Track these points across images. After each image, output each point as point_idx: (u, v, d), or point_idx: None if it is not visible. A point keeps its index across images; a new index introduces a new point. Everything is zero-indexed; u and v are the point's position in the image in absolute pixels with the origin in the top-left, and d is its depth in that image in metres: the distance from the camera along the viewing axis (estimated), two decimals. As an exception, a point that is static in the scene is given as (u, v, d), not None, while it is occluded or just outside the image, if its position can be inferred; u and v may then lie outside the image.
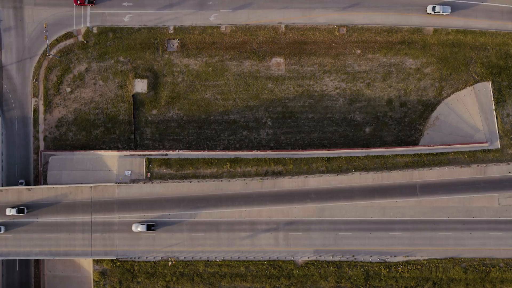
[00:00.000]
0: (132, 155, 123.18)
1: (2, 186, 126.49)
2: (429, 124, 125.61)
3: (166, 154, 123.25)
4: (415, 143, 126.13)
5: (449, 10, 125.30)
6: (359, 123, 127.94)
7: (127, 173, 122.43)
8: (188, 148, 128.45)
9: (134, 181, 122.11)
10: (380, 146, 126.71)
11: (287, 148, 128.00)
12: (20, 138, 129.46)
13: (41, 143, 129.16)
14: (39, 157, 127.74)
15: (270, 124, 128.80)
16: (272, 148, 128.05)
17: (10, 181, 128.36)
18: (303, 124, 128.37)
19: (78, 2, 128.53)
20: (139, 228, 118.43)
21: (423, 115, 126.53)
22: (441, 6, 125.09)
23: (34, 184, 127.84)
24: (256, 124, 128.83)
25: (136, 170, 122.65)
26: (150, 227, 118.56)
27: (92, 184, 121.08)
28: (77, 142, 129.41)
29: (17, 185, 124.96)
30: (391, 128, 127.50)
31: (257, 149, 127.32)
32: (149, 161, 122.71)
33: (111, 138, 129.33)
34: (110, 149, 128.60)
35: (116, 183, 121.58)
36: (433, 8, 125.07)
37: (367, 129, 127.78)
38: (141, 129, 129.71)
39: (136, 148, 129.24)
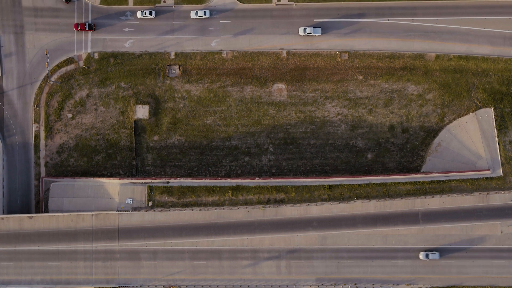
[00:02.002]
0: (133, 182, 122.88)
1: (3, 212, 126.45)
2: (431, 150, 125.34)
3: (168, 182, 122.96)
4: (417, 169, 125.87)
5: (320, 32, 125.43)
6: (361, 149, 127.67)
7: (129, 201, 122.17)
8: (189, 174, 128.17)
9: (135, 209, 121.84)
10: (382, 172, 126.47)
11: (289, 175, 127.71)
12: (21, 164, 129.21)
13: (42, 169, 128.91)
14: (40, 183, 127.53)
15: (272, 150, 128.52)
16: (274, 175, 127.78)
17: (11, 207, 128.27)
18: (305, 150, 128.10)
19: (79, 28, 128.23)
20: None
21: (425, 142, 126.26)
22: (312, 28, 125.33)
23: (35, 211, 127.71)
24: (258, 150, 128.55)
25: (138, 198, 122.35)
26: None
27: (93, 212, 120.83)
28: (78, 168, 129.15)
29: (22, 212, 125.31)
30: (393, 154, 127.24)
31: (259, 176, 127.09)
32: (151, 189, 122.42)
33: (113, 164, 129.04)
34: (111, 175, 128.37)
35: (118, 211, 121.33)
36: (304, 30, 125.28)
37: (369, 155, 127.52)
38: (142, 155, 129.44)
39: (137, 174, 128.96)
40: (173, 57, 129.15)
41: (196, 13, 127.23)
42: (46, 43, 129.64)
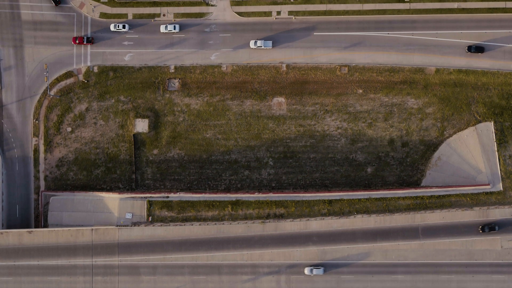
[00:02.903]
0: (133, 197, 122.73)
1: (2, 225, 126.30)
2: (431, 164, 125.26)
3: (168, 197, 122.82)
4: (417, 183, 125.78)
5: (271, 45, 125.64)
6: (361, 163, 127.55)
7: (128, 215, 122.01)
8: (189, 188, 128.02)
9: (135, 223, 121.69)
10: (382, 186, 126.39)
11: (288, 188, 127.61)
12: (20, 178, 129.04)
13: (42, 183, 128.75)
14: (39, 197, 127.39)
15: (272, 164, 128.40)
16: (273, 188, 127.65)
17: (11, 221, 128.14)
18: (305, 164, 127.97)
19: (77, 42, 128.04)
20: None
21: (425, 156, 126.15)
22: (263, 41, 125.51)
23: (35, 225, 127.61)
24: (258, 164, 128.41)
25: (137, 213, 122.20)
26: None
27: (93, 227, 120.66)
28: (77, 182, 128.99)
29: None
30: (393, 168, 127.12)
31: (259, 190, 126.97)
32: (150, 203, 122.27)
33: (112, 178, 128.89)
34: (111, 189, 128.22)
35: (117, 225, 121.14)
36: (255, 43, 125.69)
37: (369, 169, 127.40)
38: (142, 169, 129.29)
39: (137, 188, 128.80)
40: (172, 70, 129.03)
41: (166, 27, 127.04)
42: (45, 56, 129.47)
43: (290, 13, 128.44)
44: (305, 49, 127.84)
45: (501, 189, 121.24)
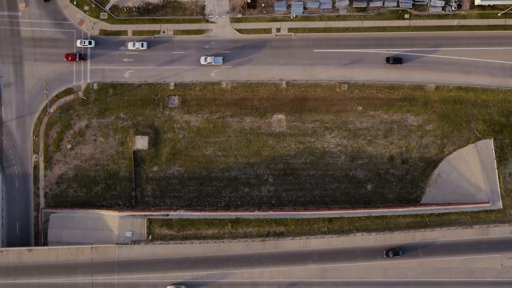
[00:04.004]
0: (133, 215, 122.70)
1: (2, 243, 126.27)
2: (431, 181, 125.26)
3: (167, 214, 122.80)
4: (417, 200, 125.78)
5: (221, 61, 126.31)
6: (360, 180, 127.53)
7: (128, 233, 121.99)
8: (189, 205, 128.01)
9: (135, 242, 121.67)
10: (382, 203, 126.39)
11: (288, 205, 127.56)
12: (20, 195, 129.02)
13: (42, 200, 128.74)
14: (39, 214, 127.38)
15: (272, 181, 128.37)
16: (273, 205, 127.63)
17: (11, 238, 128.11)
18: (305, 181, 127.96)
19: (69, 58, 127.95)
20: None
21: (425, 173, 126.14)
22: (213, 57, 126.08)
23: (35, 242, 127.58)
24: (258, 181, 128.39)
25: (137, 231, 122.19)
26: None
27: (93, 245, 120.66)
28: (77, 199, 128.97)
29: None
30: (393, 185, 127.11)
31: (259, 207, 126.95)
32: (150, 221, 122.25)
33: (112, 195, 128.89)
34: (111, 206, 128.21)
35: (117, 244, 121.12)
36: (205, 59, 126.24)
37: (369, 186, 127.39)
38: (142, 186, 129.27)
39: (137, 205, 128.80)
40: (172, 87, 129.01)
41: (134, 44, 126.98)
42: (45, 73, 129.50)
43: (290, 30, 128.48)
44: (304, 66, 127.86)
45: (501, 207, 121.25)
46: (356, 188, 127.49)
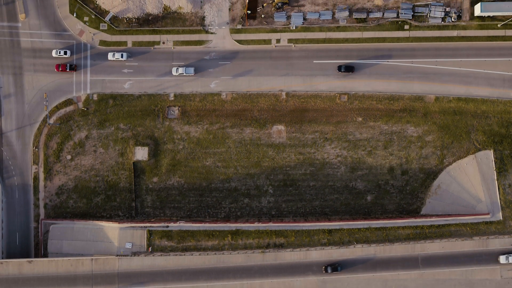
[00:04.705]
0: (133, 226, 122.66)
1: (2, 253, 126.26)
2: (430, 192, 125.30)
3: (168, 226, 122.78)
4: (416, 211, 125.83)
5: (193, 72, 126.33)
6: (360, 191, 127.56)
7: (128, 245, 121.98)
8: (189, 216, 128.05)
9: (135, 253, 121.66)
10: (382, 214, 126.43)
11: (288, 216, 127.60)
12: (20, 206, 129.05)
13: (42, 211, 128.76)
14: (39, 225, 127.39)
15: (272, 192, 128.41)
16: (273, 216, 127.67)
17: (11, 249, 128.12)
18: (305, 192, 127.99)
19: (60, 69, 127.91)
20: None
21: (425, 184, 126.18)
22: (185, 68, 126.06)
23: (35, 253, 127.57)
24: (257, 192, 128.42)
25: (137, 242, 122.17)
26: None
27: (93, 257, 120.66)
28: (77, 210, 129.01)
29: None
30: (393, 196, 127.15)
31: (259, 218, 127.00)
32: (150, 233, 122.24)
33: (112, 205, 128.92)
34: (111, 216, 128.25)
35: (117, 255, 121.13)
36: (177, 70, 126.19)
37: (369, 197, 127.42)
38: (142, 196, 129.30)
39: (137, 216, 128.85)
40: (172, 98, 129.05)
41: (113, 55, 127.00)
42: (45, 84, 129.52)
43: (290, 41, 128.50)
44: (304, 77, 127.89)
45: (501, 218, 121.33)
46: (356, 199, 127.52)
